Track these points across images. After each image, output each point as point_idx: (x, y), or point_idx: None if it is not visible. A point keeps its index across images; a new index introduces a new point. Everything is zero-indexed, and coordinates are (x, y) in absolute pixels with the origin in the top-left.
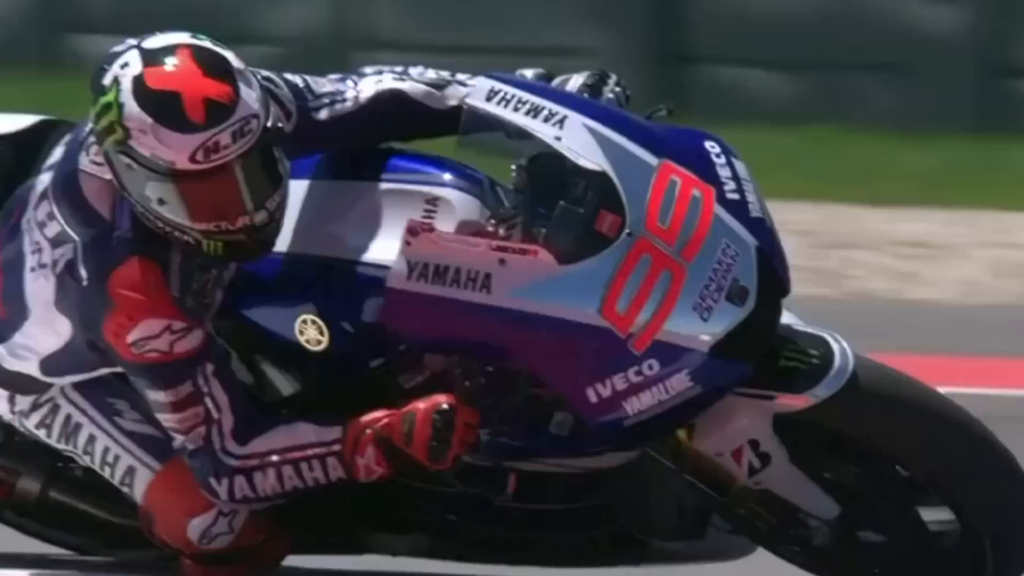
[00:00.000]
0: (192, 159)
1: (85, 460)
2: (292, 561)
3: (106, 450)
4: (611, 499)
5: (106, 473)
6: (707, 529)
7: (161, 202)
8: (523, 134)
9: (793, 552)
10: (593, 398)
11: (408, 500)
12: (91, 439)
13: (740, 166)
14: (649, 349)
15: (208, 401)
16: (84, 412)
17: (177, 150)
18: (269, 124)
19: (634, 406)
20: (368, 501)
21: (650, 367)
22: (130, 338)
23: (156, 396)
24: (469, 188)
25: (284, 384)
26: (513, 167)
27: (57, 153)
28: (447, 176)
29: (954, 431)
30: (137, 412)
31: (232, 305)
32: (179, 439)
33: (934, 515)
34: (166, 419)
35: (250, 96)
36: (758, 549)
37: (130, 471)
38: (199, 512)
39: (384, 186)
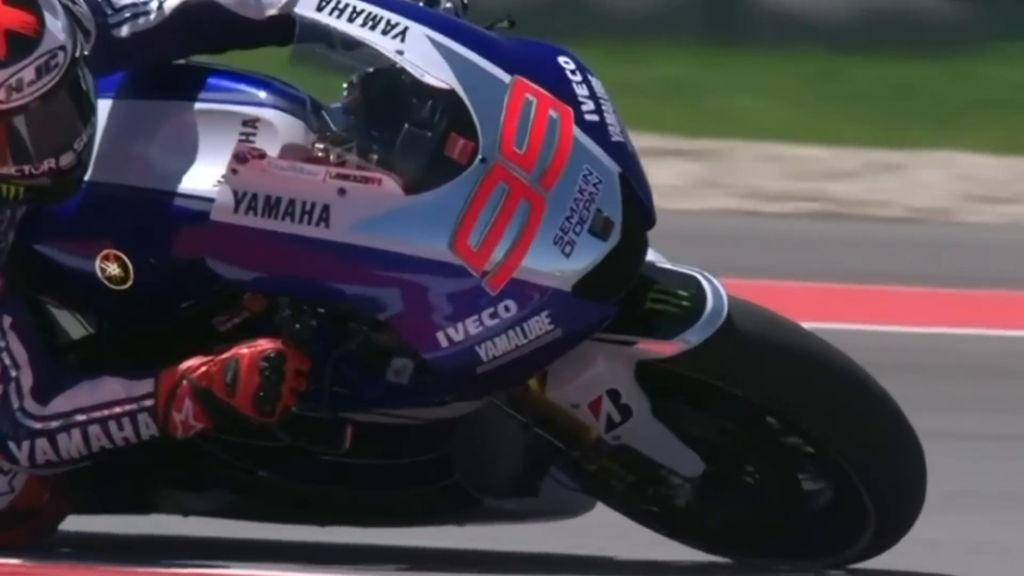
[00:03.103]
0: None
1: None
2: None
3: None
4: (447, 453)
5: None
6: (542, 486)
7: None
8: (359, 47)
9: (649, 513)
10: (443, 343)
11: (209, 454)
12: None
13: (597, 84)
14: (505, 288)
15: (5, 357)
16: None
17: None
18: (77, 54)
19: (488, 352)
20: (158, 455)
21: (506, 308)
22: None
23: None
24: (291, 108)
25: (76, 326)
26: (344, 85)
27: None
28: (266, 95)
29: (837, 380)
30: None
31: (21, 238)
32: None
33: (809, 473)
34: None
35: (56, 26)
36: (598, 506)
37: None
38: None
39: (196, 106)
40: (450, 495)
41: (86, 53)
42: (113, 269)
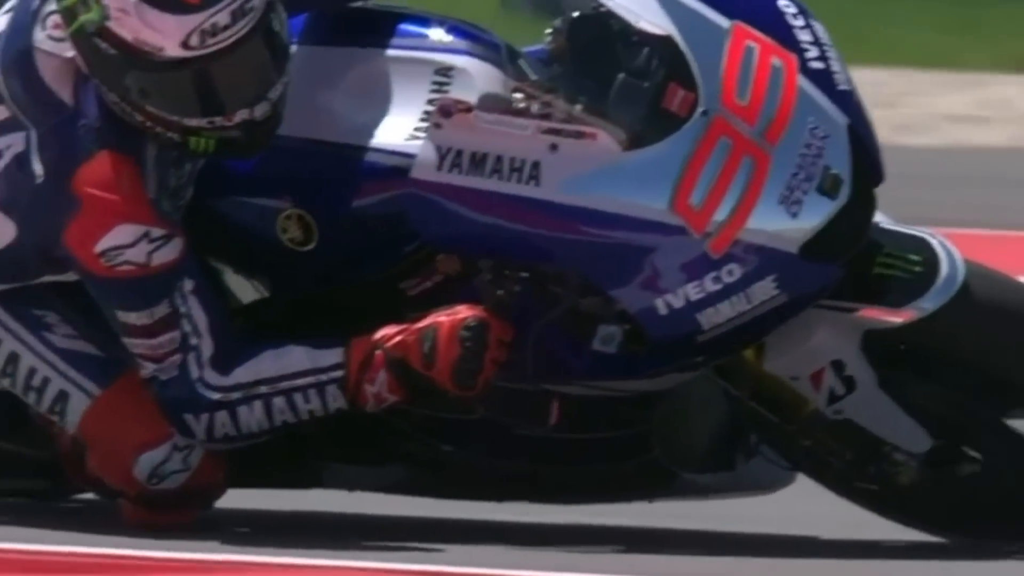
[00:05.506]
0: (185, 45)
1: (4, 383)
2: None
3: (32, 371)
4: (648, 427)
5: (30, 399)
6: (737, 460)
7: (144, 94)
8: None
9: (869, 492)
10: (662, 310)
11: (386, 425)
12: (12, 358)
13: (819, 28)
14: (729, 251)
15: (186, 324)
16: (4, 326)
17: (167, 34)
18: None
19: (710, 319)
20: (324, 425)
21: (729, 272)
22: (99, 247)
23: (126, 317)
24: (486, 55)
25: (248, 290)
26: (547, 31)
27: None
28: (459, 41)
29: None
30: (70, 326)
31: (196, 196)
32: (149, 368)
33: None
34: (135, 344)
35: None
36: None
37: (62, 396)
38: (149, 446)
39: (384, 53)
40: (646, 471)
41: None
42: (295, 230)
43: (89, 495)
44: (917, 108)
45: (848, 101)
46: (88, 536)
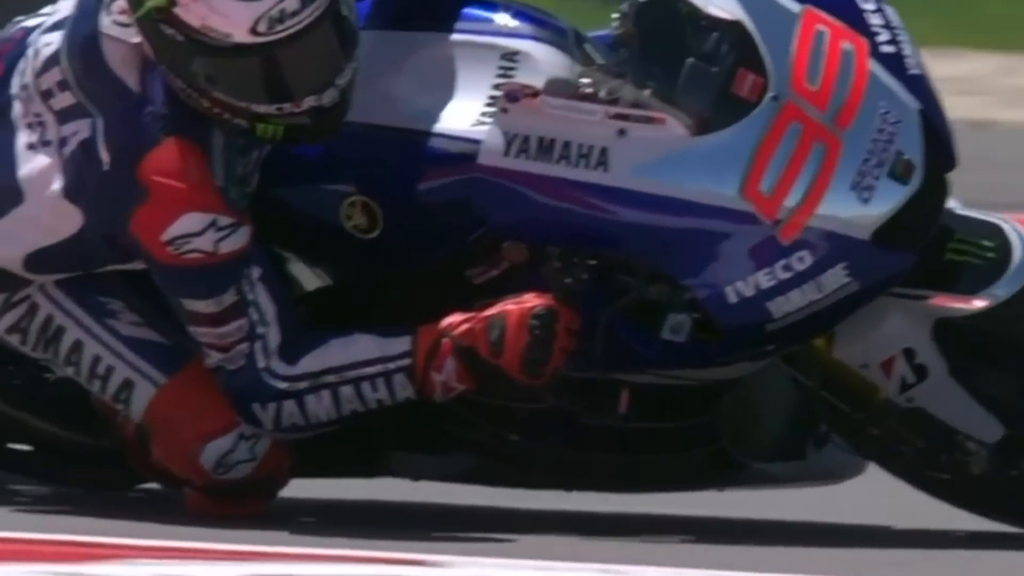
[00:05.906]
0: (253, 31)
1: (68, 371)
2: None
3: (96, 360)
4: (715, 416)
5: (95, 387)
6: (807, 448)
7: (211, 80)
8: None
9: (940, 481)
10: (732, 298)
11: (453, 415)
12: (77, 346)
13: (891, 12)
14: (800, 238)
15: (253, 312)
16: (69, 313)
17: (235, 20)
18: None
19: (781, 307)
20: (391, 413)
21: (800, 260)
22: (166, 235)
23: (193, 306)
24: (553, 40)
25: (311, 278)
26: (614, 15)
27: (64, 9)
28: (525, 25)
29: None
30: (135, 314)
31: (261, 184)
32: (215, 357)
33: None
34: (201, 333)
35: None
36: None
37: (127, 385)
38: (216, 435)
39: (449, 38)
40: (715, 460)
41: None
42: (359, 216)
43: (153, 485)
44: None
45: (920, 85)
46: (152, 527)
